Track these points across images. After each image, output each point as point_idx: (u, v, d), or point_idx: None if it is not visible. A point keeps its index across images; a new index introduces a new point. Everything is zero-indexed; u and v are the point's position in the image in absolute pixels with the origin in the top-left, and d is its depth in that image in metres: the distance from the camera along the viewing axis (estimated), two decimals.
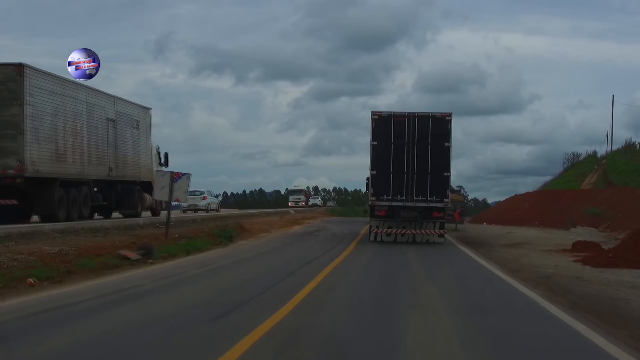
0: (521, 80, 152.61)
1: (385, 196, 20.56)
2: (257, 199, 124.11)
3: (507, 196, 71.83)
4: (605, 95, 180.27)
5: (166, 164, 28.08)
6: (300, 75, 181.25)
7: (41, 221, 18.81)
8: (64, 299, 8.64)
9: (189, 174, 17.37)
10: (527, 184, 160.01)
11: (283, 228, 28.64)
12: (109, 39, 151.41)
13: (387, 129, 20.44)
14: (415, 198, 20.23)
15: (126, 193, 24.14)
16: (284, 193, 78.60)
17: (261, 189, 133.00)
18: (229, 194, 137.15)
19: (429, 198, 20.16)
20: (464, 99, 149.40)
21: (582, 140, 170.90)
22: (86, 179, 20.82)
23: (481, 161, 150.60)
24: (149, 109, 26.43)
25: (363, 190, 22.54)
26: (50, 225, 16.61)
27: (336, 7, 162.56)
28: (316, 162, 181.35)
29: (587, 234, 30.15)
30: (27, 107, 17.45)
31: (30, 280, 9.97)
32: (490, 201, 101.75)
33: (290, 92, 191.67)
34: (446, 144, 20.32)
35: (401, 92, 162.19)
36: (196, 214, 35.65)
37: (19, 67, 17.33)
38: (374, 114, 20.85)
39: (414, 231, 20.69)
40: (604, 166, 58.44)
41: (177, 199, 17.30)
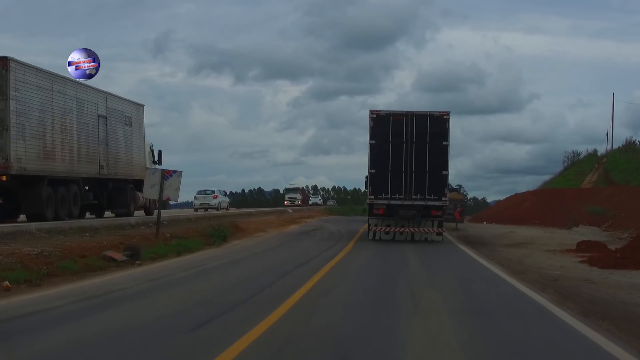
0: (520, 79, 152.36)
1: (383, 195, 20.52)
2: (256, 198, 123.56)
3: (506, 195, 71.39)
4: (604, 94, 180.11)
5: (160, 162, 27.46)
6: (300, 74, 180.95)
7: (28, 221, 18.18)
8: (38, 304, 8.03)
9: (181, 172, 16.76)
10: (527, 183, 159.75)
11: (279, 227, 28.02)
12: (108, 38, 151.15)
13: (386, 127, 20.42)
14: (414, 196, 20.23)
15: (118, 192, 23.50)
16: (282, 192, 76.39)
17: (260, 188, 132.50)
18: (228, 193, 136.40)
19: (427, 196, 20.15)
20: (463, 98, 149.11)
21: (582, 139, 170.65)
22: (76, 177, 20.18)
23: (480, 160, 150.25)
24: (141, 105, 25.79)
25: (362, 189, 22.57)
26: (36, 225, 15.97)
27: (335, 6, 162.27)
28: (315, 161, 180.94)
29: (590, 233, 29.62)
30: (13, 102, 16.75)
31: (7, 283, 9.36)
32: (489, 200, 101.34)
33: (289, 91, 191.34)
34: (444, 143, 20.30)
35: (400, 91, 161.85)
36: (202, 212, 36.51)
37: (4, 61, 16.65)
38: (372, 112, 20.79)
39: (412, 229, 20.62)
40: (604, 165, 58.02)
41: (167, 197, 16.67)
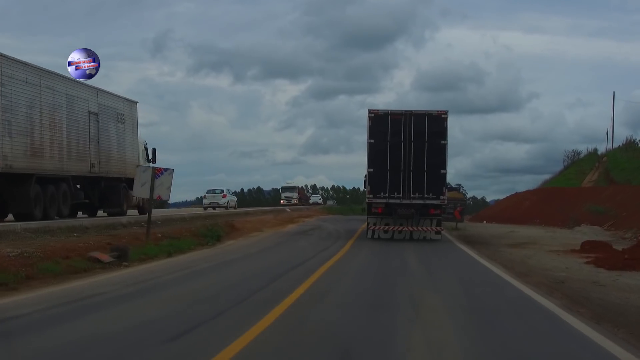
0: (520, 78, 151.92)
1: (382, 193, 20.52)
2: (255, 197, 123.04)
3: (505, 194, 70.98)
4: (603, 93, 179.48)
5: (154, 160, 26.91)
6: (299, 73, 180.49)
7: (16, 220, 17.60)
8: (9, 310, 7.46)
9: (172, 170, 16.18)
10: (526, 182, 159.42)
11: (276, 227, 27.45)
12: (107, 37, 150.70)
13: (384, 126, 20.44)
14: (412, 195, 20.28)
15: (110, 190, 22.95)
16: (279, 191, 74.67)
17: (259, 187, 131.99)
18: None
19: (425, 195, 20.22)
20: (462, 97, 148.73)
21: (581, 139, 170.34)
22: (65, 175, 19.60)
23: (479, 159, 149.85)
24: (135, 102, 25.21)
25: (362, 188, 22.52)
26: (22, 225, 15.39)
27: (334, 5, 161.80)
28: (314, 160, 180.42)
29: (592, 233, 29.11)
30: None
31: None
32: (489, 199, 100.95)
33: (288, 91, 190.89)
34: (442, 142, 20.29)
35: (399, 91, 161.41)
36: (210, 210, 37.53)
37: None
38: (370, 112, 20.80)
39: (410, 228, 20.70)
40: (605, 164, 57.61)
41: (159, 196, 16.09)
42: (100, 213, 24.15)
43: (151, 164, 25.25)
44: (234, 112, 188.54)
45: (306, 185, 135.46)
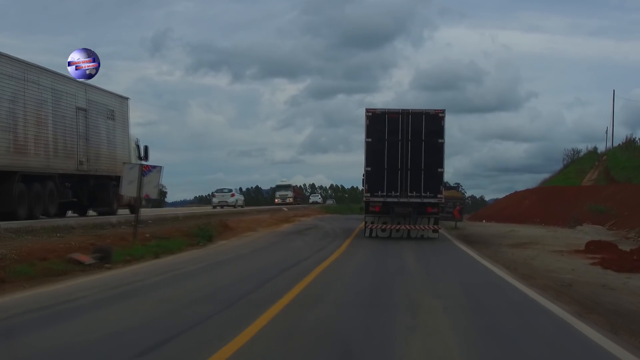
0: (518, 77, 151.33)
1: (379, 192, 20.49)
2: (253, 196, 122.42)
3: (504, 193, 70.54)
4: (602, 92, 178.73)
5: (146, 158, 26.17)
6: (297, 72, 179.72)
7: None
8: None
9: (161, 167, 15.55)
10: (524, 182, 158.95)
11: (272, 226, 26.79)
12: (106, 36, 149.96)
13: (381, 125, 20.43)
14: (409, 194, 20.28)
15: (100, 189, 22.27)
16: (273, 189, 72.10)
17: (258, 186, 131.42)
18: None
19: (422, 194, 20.26)
20: (461, 96, 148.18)
21: (580, 138, 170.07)
22: (52, 173, 18.95)
23: (478, 158, 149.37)
24: (126, 98, 24.56)
25: (360, 187, 22.36)
26: (3, 224, 14.72)
27: (333, 4, 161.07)
28: (313, 159, 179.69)
29: (595, 233, 28.56)
30: None
31: None
32: (487, 198, 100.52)
33: (287, 90, 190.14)
34: (440, 141, 20.31)
35: (398, 90, 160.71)
36: (217, 209, 38.91)
37: None
38: (368, 111, 20.80)
39: (408, 227, 20.71)
40: (605, 162, 57.22)
41: (147, 194, 15.43)
42: (92, 212, 23.53)
43: (144, 162, 24.58)
44: (232, 111, 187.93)
45: (305, 185, 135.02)
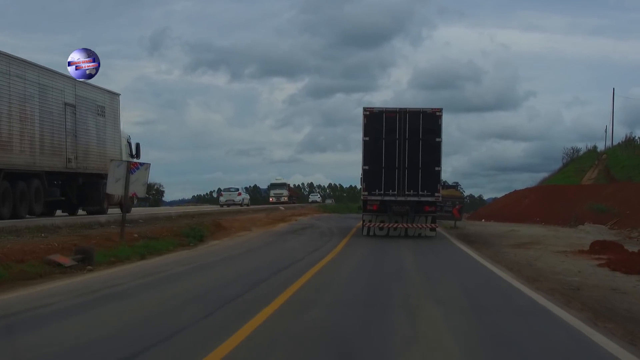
0: (517, 76, 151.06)
1: (377, 191, 20.47)
2: (251, 195, 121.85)
3: (502, 193, 70.02)
4: (601, 91, 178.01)
5: (138, 155, 25.61)
6: (296, 71, 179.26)
7: None
8: None
9: (148, 164, 14.92)
10: (523, 181, 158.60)
11: (267, 226, 26.17)
12: (105, 35, 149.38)
13: (379, 124, 20.45)
14: (407, 192, 20.29)
15: (89, 187, 21.62)
16: (267, 188, 69.56)
17: (256, 186, 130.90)
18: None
19: (420, 192, 20.27)
20: (459, 95, 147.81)
21: (578, 137, 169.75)
22: (38, 170, 18.30)
23: (476, 158, 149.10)
24: (117, 94, 23.90)
25: (358, 186, 22.08)
26: None
27: (331, 3, 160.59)
28: (311, 158, 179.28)
29: (597, 232, 28.01)
30: None
31: None
32: (485, 197, 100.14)
33: (285, 89, 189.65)
34: (437, 139, 20.33)
35: (397, 89, 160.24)
36: (224, 208, 40.21)
37: None
38: (365, 110, 20.78)
39: (405, 225, 20.74)
40: (604, 161, 56.80)
41: (134, 193, 14.80)
42: (83, 212, 22.90)
43: (135, 160, 23.95)
44: (231, 110, 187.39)
45: (303, 184, 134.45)
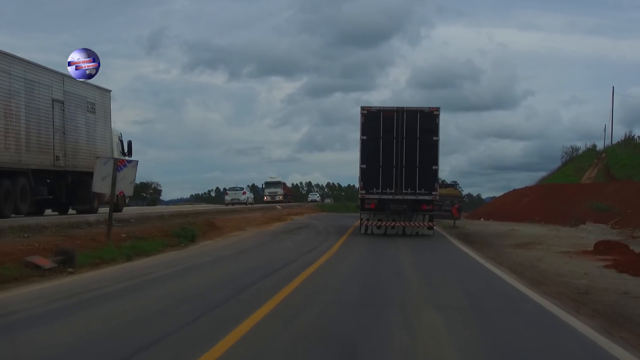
0: (515, 75, 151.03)
1: (374, 189, 20.51)
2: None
3: (501, 192, 69.68)
4: (599, 91, 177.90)
5: (130, 153, 25.06)
6: (294, 70, 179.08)
7: None
8: None
9: (136, 162, 14.34)
10: (521, 180, 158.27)
11: (262, 225, 25.60)
12: (103, 34, 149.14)
13: (376, 123, 20.50)
14: (404, 191, 20.35)
15: (79, 186, 21.03)
16: (261, 186, 67.51)
17: (254, 185, 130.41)
18: (222, 189, 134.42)
19: (417, 191, 20.34)
20: (457, 94, 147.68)
21: (576, 136, 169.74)
22: (24, 168, 17.74)
23: (475, 157, 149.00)
24: (108, 90, 23.32)
25: (356, 185, 21.97)
26: None
27: (330, 2, 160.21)
28: (310, 157, 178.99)
29: (599, 232, 27.46)
30: None
31: None
32: (484, 196, 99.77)
33: (284, 88, 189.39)
34: (434, 138, 20.39)
35: (395, 88, 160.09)
36: (229, 207, 40.95)
37: None
38: (363, 108, 20.81)
39: (403, 224, 20.77)
40: (604, 160, 56.44)
41: (121, 191, 14.23)
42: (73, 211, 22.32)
43: (127, 158, 23.38)
44: (229, 109, 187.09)
45: (301, 183, 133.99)
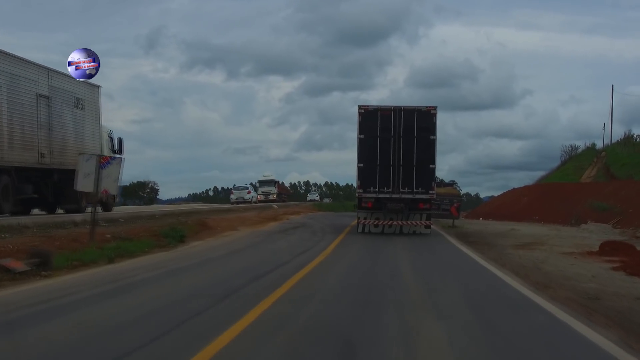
0: (513, 75, 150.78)
1: (372, 188, 20.47)
2: None
3: (499, 191, 69.28)
4: (597, 90, 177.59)
5: (120, 151, 24.41)
6: (292, 70, 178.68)
7: None
8: None
9: (121, 158, 13.73)
10: (519, 179, 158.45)
11: (256, 225, 24.95)
12: (101, 33, 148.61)
13: (374, 122, 20.53)
14: (402, 190, 20.34)
15: (66, 184, 20.17)
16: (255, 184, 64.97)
17: (252, 184, 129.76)
18: (219, 188, 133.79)
19: (414, 190, 20.33)
20: (456, 93, 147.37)
21: (574, 135, 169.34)
22: (6, 166, 17.10)
23: (473, 156, 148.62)
24: (97, 86, 22.61)
25: (354, 184, 21.38)
26: None
27: (328, 1, 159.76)
28: (308, 157, 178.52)
29: (601, 231, 26.93)
30: None
31: None
32: (482, 196, 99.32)
33: (282, 87, 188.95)
34: (431, 137, 20.41)
35: (393, 87, 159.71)
36: (234, 205, 41.86)
37: None
38: (360, 107, 20.84)
39: (400, 222, 20.73)
40: (604, 159, 55.99)
41: (105, 190, 13.54)
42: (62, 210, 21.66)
43: (118, 156, 22.71)
44: (227, 108, 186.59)
45: (299, 182, 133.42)
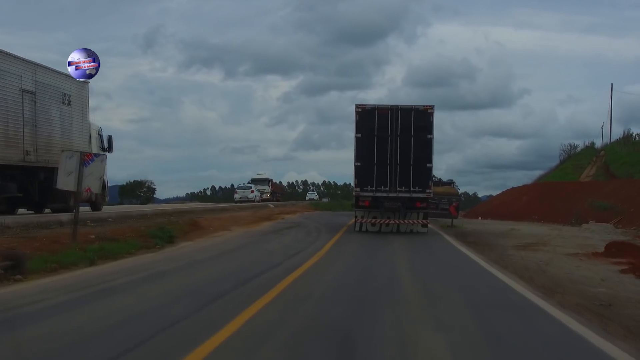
0: (511, 74, 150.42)
1: (369, 187, 20.46)
2: None
3: (497, 190, 68.83)
4: (595, 89, 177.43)
5: (110, 149, 23.73)
6: (290, 69, 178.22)
7: None
8: None
9: (105, 155, 13.12)
10: (517, 178, 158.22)
11: (250, 225, 24.31)
12: (99, 33, 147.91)
13: (371, 121, 20.53)
14: (399, 189, 20.36)
15: (53, 183, 19.61)
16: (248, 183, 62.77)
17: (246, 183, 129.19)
18: (217, 188, 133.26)
19: (411, 189, 20.35)
20: (454, 93, 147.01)
21: (573, 135, 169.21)
22: None
23: (471, 155, 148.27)
24: (86, 82, 21.88)
25: (352, 183, 21.03)
26: None
27: (326, 1, 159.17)
28: (306, 156, 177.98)
29: (603, 231, 26.34)
30: None
31: None
32: (480, 195, 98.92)
33: (280, 86, 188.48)
34: (428, 136, 20.42)
35: (391, 86, 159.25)
36: (237, 204, 42.12)
37: None
38: (357, 106, 20.83)
39: (397, 221, 20.71)
40: (603, 158, 55.64)
41: (88, 188, 12.90)
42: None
43: (108, 154, 22.06)
44: (225, 108, 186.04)
45: (297, 181, 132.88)
